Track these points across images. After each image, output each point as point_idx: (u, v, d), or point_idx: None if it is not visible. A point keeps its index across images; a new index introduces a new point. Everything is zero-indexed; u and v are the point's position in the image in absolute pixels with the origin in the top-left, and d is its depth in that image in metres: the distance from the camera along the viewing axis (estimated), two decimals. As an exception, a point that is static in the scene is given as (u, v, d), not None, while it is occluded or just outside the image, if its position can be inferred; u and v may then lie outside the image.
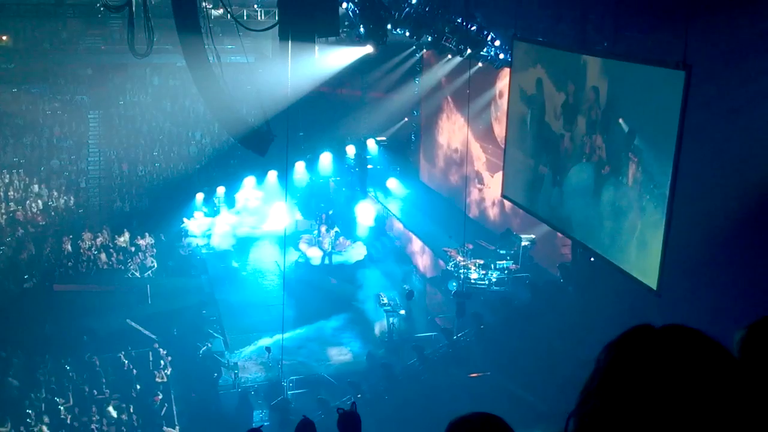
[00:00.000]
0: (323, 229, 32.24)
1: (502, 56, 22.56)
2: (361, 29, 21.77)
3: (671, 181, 13.99)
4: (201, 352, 24.91)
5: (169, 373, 24.29)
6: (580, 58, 17.52)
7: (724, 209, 15.52)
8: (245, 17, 31.70)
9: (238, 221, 34.62)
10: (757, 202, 14.98)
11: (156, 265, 31.28)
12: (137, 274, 30.63)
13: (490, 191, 28.61)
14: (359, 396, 21.95)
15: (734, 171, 15.29)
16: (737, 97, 14.54)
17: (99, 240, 32.01)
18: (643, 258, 15.46)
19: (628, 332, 1.58)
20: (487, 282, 24.52)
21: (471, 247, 25.41)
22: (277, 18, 19.72)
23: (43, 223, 34.01)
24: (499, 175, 23.66)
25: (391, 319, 25.51)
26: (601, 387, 1.52)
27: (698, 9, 13.89)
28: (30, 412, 21.98)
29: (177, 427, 22.55)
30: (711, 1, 14.70)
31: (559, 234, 20.71)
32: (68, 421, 22.09)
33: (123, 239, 32.09)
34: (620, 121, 15.96)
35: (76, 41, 37.29)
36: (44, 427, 21.79)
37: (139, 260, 31.14)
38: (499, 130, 26.24)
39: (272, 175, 34.67)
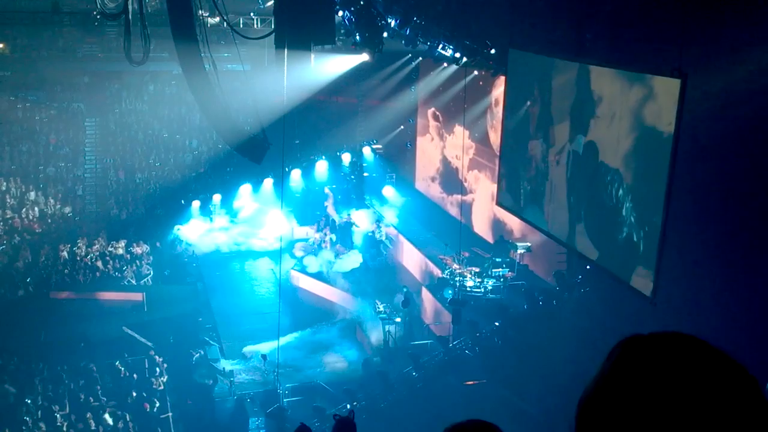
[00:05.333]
0: (322, 235, 32.29)
1: (497, 64, 22.60)
2: (357, 37, 21.82)
3: (667, 190, 14.03)
4: (193, 359, 24.88)
5: (165, 380, 24.27)
6: (575, 67, 17.57)
7: (720, 217, 15.57)
8: (241, 25, 31.74)
9: (233, 228, 34.61)
10: (752, 211, 15.02)
11: (152, 273, 31.28)
12: (133, 282, 30.62)
13: (485, 199, 28.63)
14: (355, 404, 21.93)
15: (729, 179, 15.33)
16: (733, 104, 14.59)
17: (95, 247, 31.99)
18: (637, 265, 15.50)
19: (624, 343, 1.59)
20: (482, 290, 24.55)
21: (467, 254, 25.44)
22: (273, 26, 19.75)
23: (40, 230, 33.97)
24: (495, 183, 23.70)
25: (387, 327, 25.50)
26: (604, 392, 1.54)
27: (694, 17, 13.95)
28: (27, 419, 21.97)
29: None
30: (706, 10, 14.76)
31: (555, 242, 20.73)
32: (64, 429, 22.08)
33: (119, 247, 32.07)
34: (617, 129, 16.01)
35: (73, 49, 37.26)
36: (40, 435, 21.79)
37: (135, 268, 31.13)
38: (495, 138, 26.29)
39: (268, 182, 34.67)
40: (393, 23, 22.46)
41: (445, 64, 28.42)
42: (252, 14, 33.45)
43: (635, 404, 1.46)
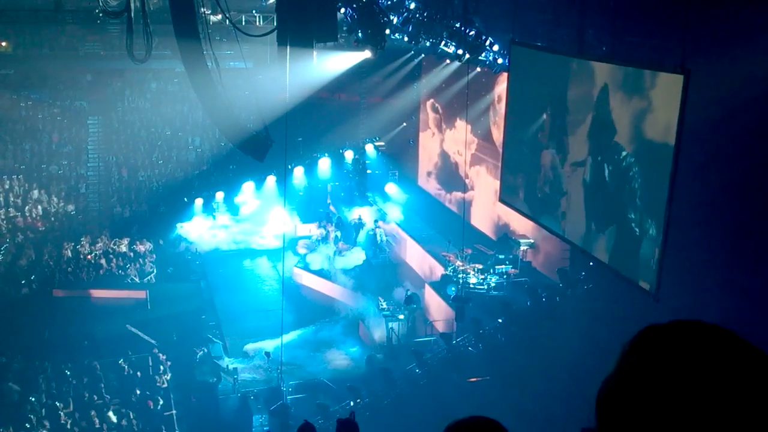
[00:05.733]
0: (327, 232, 32.33)
1: (500, 61, 22.59)
2: (360, 34, 21.80)
3: (669, 185, 14.01)
4: (197, 357, 24.89)
5: (168, 378, 24.29)
6: (578, 63, 17.54)
7: (722, 213, 15.55)
8: (243, 23, 31.73)
9: (236, 226, 34.62)
10: (755, 206, 15.01)
11: (155, 271, 31.30)
12: (137, 280, 30.64)
13: (488, 196, 28.61)
14: (358, 401, 21.94)
15: (732, 175, 15.32)
16: (735, 100, 14.56)
17: (98, 245, 32.03)
18: (640, 262, 15.48)
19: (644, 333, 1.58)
20: (486, 287, 24.54)
21: (470, 251, 25.42)
22: (275, 23, 19.73)
23: (43, 228, 34.02)
24: (497, 180, 23.66)
25: (390, 324, 25.49)
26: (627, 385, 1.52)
27: (696, 13, 13.92)
28: (31, 417, 22.00)
29: (176, 432, 22.58)
30: (709, 5, 14.73)
31: (558, 239, 20.69)
32: (68, 427, 22.10)
33: (122, 245, 32.10)
34: (619, 126, 15.98)
35: (75, 47, 37.31)
36: (44, 432, 21.82)
37: (138, 266, 31.15)
38: (498, 134, 26.27)
39: (271, 180, 34.67)
40: (395, 20, 22.45)
41: (448, 61, 28.41)
42: (254, 11, 33.49)
43: (660, 395, 1.44)
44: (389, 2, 22.79)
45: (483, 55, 22.71)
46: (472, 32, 22.07)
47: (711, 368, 1.43)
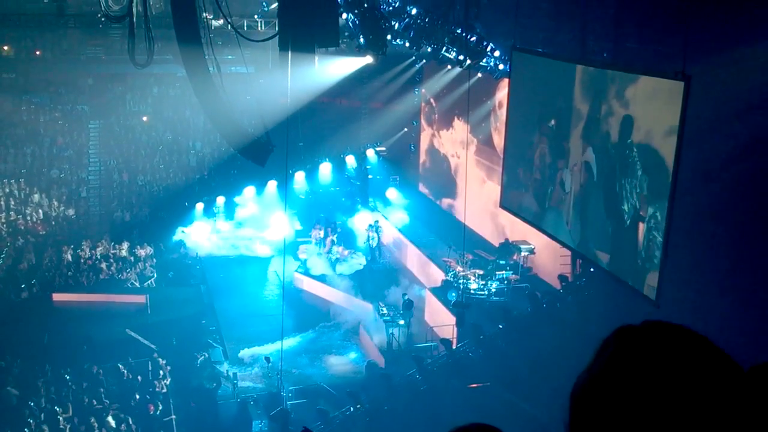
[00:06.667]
0: (327, 238, 32.31)
1: (501, 67, 22.61)
2: (361, 40, 21.82)
3: (670, 191, 14.00)
4: (197, 361, 24.85)
5: (168, 383, 24.24)
6: (579, 69, 17.54)
7: (723, 220, 15.54)
8: (245, 28, 31.77)
9: (237, 231, 34.60)
10: (756, 213, 14.99)
11: (155, 275, 31.26)
12: (137, 284, 30.60)
13: (489, 202, 28.59)
14: (358, 406, 21.90)
15: (733, 181, 15.31)
16: (736, 105, 14.57)
17: (99, 249, 32.00)
18: (641, 269, 15.47)
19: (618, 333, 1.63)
20: (486, 292, 24.52)
21: (470, 257, 25.40)
22: (277, 28, 19.76)
23: (44, 232, 34.01)
24: (498, 185, 23.66)
25: (390, 329, 25.46)
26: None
27: (697, 20, 13.93)
28: (30, 422, 21.95)
29: (176, 438, 22.53)
30: (710, 13, 14.74)
31: (559, 244, 20.68)
32: (67, 431, 22.04)
33: (123, 249, 32.08)
34: (620, 132, 15.98)
35: (77, 51, 37.36)
36: (43, 437, 21.77)
37: (138, 270, 31.12)
38: (499, 140, 26.27)
39: (272, 185, 34.67)
40: (397, 26, 22.48)
41: (449, 67, 28.44)
42: (256, 17, 33.54)
43: (629, 396, 1.48)
44: (391, 8, 22.83)
45: (484, 60, 22.74)
46: (474, 38, 22.10)
47: (676, 367, 1.47)
